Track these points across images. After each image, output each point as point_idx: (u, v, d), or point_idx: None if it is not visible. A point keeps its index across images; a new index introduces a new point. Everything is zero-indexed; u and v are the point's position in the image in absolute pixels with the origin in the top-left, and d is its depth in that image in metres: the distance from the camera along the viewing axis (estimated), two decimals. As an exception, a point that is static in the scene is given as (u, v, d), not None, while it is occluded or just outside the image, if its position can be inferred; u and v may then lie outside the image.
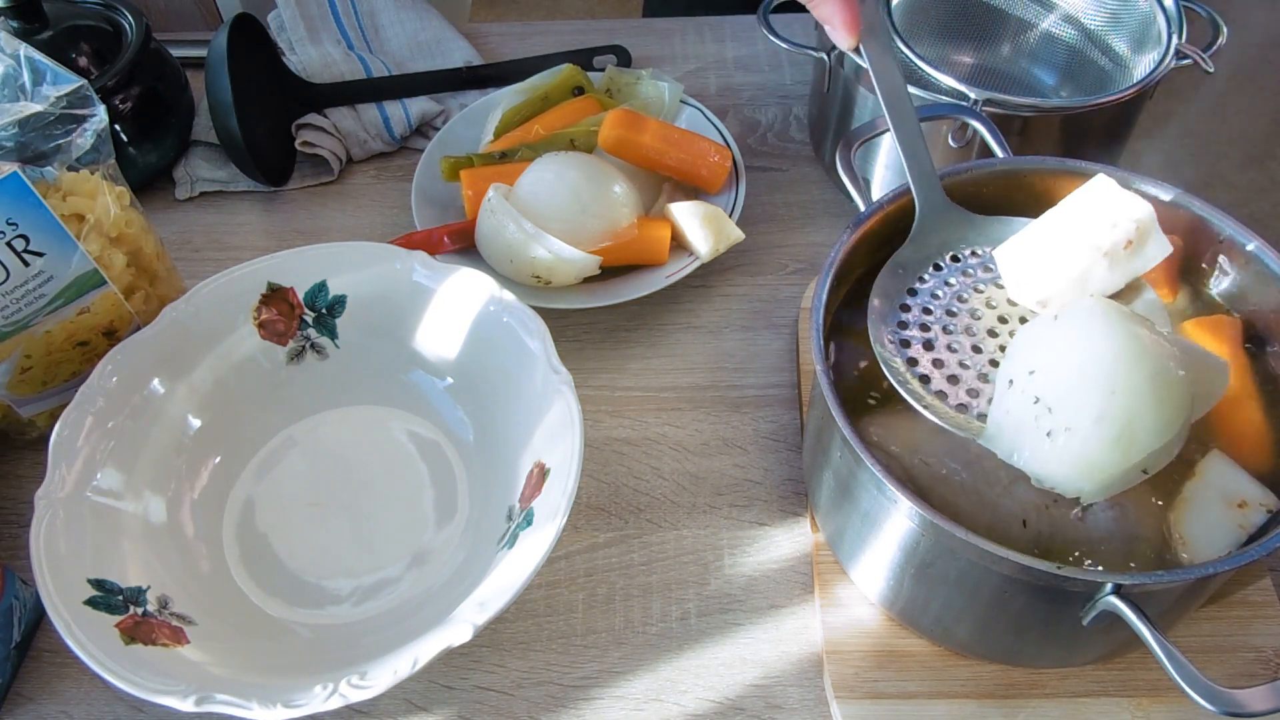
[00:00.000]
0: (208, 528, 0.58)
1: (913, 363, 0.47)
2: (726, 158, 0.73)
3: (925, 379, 0.46)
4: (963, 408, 0.45)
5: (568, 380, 0.54)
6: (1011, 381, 0.44)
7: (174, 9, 1.14)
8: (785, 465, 0.63)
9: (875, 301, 0.49)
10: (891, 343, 0.48)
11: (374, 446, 0.62)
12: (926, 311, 0.49)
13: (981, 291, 0.50)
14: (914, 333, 0.48)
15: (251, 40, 0.77)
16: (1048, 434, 0.42)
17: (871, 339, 0.48)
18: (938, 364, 0.47)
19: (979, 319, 0.49)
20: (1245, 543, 0.44)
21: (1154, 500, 0.46)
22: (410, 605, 0.55)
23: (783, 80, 0.91)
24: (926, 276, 0.50)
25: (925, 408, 0.45)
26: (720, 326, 0.71)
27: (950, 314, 0.49)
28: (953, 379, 0.46)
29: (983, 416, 0.45)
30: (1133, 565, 0.45)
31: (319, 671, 0.47)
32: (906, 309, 0.49)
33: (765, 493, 0.61)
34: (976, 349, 0.47)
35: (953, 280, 0.50)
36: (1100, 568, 0.44)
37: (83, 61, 0.74)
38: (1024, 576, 0.42)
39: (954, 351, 0.47)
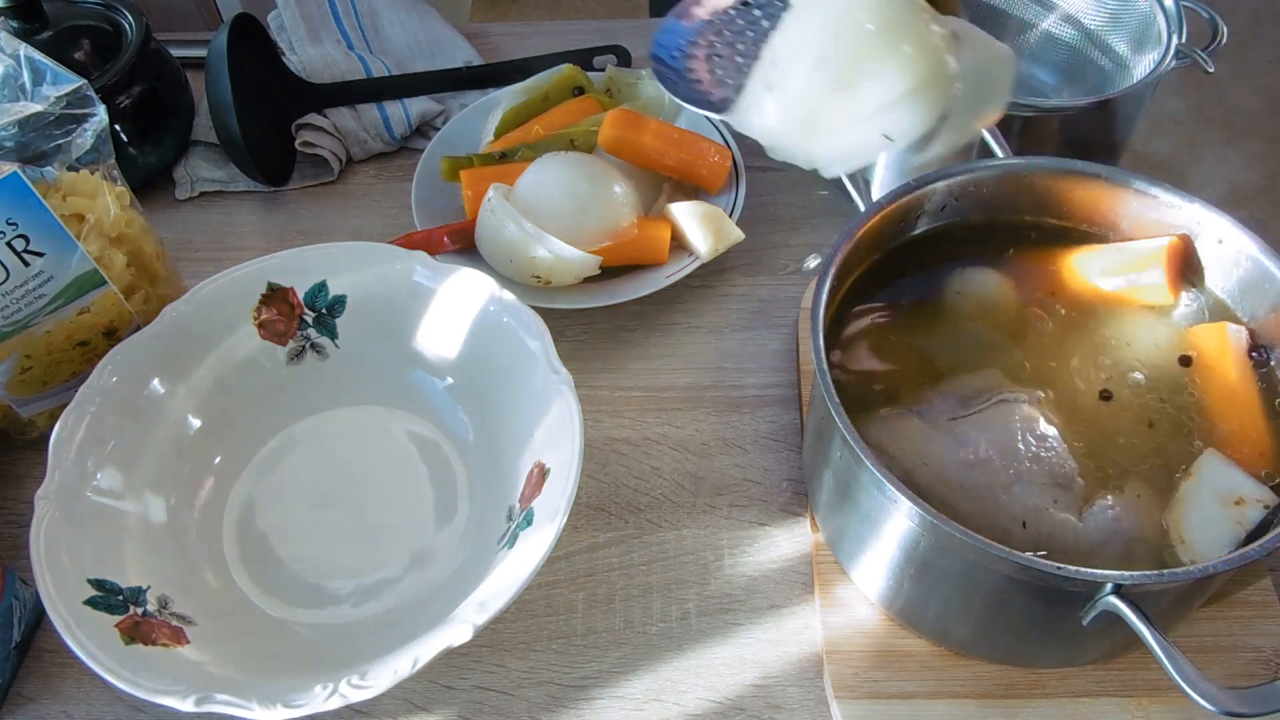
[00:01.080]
0: (208, 528, 0.58)
1: (690, 71, 0.46)
2: (726, 158, 0.73)
3: (696, 82, 0.46)
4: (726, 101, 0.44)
5: (568, 380, 0.54)
6: (761, 59, 0.43)
7: (174, 9, 1.14)
8: (785, 465, 0.63)
9: (670, 22, 0.48)
10: (676, 56, 0.47)
11: (374, 446, 0.62)
12: (719, 34, 0.48)
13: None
14: (701, 50, 0.47)
15: (251, 40, 0.77)
16: (769, 89, 0.40)
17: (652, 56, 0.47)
18: (713, 70, 0.46)
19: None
20: (1244, 541, 0.44)
21: (1151, 501, 0.46)
22: (410, 605, 0.55)
23: (783, 80, 0.91)
24: (733, 12, 0.49)
25: (675, 95, 0.44)
26: (720, 326, 0.71)
27: (741, 29, 0.48)
28: (722, 83, 0.45)
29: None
30: (1132, 566, 0.45)
31: (319, 671, 0.47)
32: (709, 42, 0.48)
33: (765, 493, 0.61)
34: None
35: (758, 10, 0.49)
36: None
37: (83, 60, 0.74)
38: (1024, 576, 0.42)
39: (742, 58, 0.46)
